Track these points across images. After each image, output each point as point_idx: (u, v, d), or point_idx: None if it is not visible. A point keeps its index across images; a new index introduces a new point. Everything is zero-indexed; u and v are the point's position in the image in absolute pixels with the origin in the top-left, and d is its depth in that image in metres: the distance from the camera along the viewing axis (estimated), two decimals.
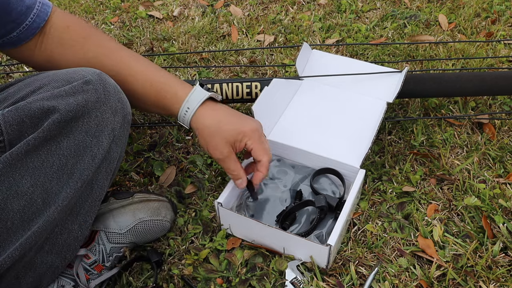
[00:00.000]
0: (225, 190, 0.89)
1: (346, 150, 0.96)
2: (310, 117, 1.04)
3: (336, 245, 0.83)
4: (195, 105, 0.82)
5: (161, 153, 1.12)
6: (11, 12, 0.76)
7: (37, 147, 0.66)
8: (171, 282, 0.86)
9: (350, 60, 1.18)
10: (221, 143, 0.82)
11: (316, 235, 0.87)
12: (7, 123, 0.66)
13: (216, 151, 0.83)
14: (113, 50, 0.84)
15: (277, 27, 1.58)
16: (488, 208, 0.95)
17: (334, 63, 1.15)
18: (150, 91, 0.83)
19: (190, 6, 1.73)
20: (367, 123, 1.00)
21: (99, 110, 0.72)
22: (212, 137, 0.82)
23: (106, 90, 0.74)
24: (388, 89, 1.07)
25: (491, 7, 1.65)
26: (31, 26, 0.79)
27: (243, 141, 0.83)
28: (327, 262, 0.83)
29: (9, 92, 0.75)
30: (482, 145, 1.11)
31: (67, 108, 0.69)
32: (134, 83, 0.83)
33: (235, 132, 0.82)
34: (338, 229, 0.82)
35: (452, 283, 0.84)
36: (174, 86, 0.83)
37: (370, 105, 1.05)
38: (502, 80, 1.13)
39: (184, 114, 0.83)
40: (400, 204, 0.98)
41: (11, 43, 0.80)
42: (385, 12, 1.65)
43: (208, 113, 0.83)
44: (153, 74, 0.84)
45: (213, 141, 0.82)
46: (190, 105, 0.82)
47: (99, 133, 0.72)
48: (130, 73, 0.83)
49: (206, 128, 0.82)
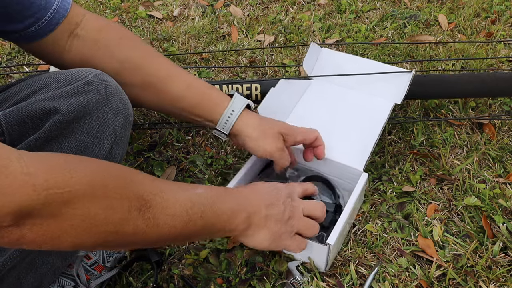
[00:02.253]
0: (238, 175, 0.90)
1: (350, 152, 0.95)
2: (316, 118, 1.04)
3: (335, 246, 0.83)
4: (240, 107, 0.83)
5: (161, 153, 1.12)
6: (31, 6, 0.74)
7: (39, 147, 0.66)
8: (171, 282, 0.86)
9: (360, 59, 1.17)
10: (275, 136, 0.85)
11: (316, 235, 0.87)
12: (8, 123, 0.66)
13: (272, 144, 0.85)
14: (149, 53, 0.83)
15: (277, 27, 1.58)
16: (488, 208, 0.96)
17: (344, 62, 1.14)
18: (190, 93, 0.82)
19: (190, 6, 1.74)
20: (373, 125, 1.00)
21: (100, 110, 0.72)
22: (264, 133, 0.84)
23: (108, 91, 0.74)
24: (396, 89, 1.06)
25: (491, 7, 1.65)
26: (50, 22, 0.77)
27: (293, 136, 0.87)
28: (325, 263, 0.83)
29: (11, 93, 0.75)
30: (482, 145, 1.11)
31: (69, 109, 0.69)
32: (173, 85, 0.82)
33: (286, 125, 0.87)
34: (338, 229, 0.81)
35: (452, 283, 0.84)
36: (216, 92, 0.84)
37: (378, 106, 1.04)
38: (502, 82, 1.13)
39: (228, 117, 0.83)
40: (400, 204, 0.99)
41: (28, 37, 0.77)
42: (385, 12, 1.65)
43: (252, 115, 0.85)
44: (192, 77, 0.84)
45: (267, 136, 0.84)
46: (235, 107, 0.83)
47: (100, 134, 0.72)
48: (168, 74, 0.82)
49: (255, 127, 0.84)
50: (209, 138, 1.17)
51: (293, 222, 0.76)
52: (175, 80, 0.82)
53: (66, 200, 0.50)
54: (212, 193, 0.68)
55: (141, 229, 0.57)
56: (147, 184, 0.60)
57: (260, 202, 0.74)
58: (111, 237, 0.56)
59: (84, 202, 0.52)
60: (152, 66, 0.81)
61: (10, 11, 0.72)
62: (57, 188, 0.50)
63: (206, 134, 1.18)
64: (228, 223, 0.69)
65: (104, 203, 0.54)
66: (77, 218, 0.52)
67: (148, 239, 0.60)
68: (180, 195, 0.63)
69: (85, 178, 0.52)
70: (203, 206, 0.65)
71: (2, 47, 1.54)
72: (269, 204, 0.74)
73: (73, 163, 0.53)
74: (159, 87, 0.80)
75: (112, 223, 0.55)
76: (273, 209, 0.74)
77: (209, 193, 0.68)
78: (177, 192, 0.63)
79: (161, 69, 0.82)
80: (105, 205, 0.54)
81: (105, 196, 0.54)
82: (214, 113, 0.84)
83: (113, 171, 0.57)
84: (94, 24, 0.81)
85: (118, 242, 0.58)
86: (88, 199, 0.52)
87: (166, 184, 0.64)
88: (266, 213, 0.73)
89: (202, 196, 0.66)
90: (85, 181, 0.52)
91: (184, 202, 0.63)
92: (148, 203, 0.58)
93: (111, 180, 0.55)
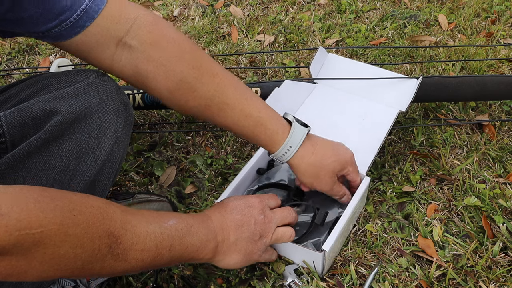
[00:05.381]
0: (226, 191, 0.89)
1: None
2: (319, 122, 1.03)
3: (332, 251, 0.83)
4: (297, 144, 0.80)
5: (161, 153, 1.12)
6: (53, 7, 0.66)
7: (39, 148, 0.66)
8: (171, 282, 0.86)
9: (366, 65, 1.17)
10: (327, 176, 0.84)
11: (314, 242, 0.87)
12: (9, 124, 0.66)
13: (325, 185, 0.85)
14: (207, 74, 0.76)
15: (277, 27, 1.58)
16: (488, 208, 0.96)
17: (350, 68, 1.14)
18: (245, 123, 0.79)
19: (190, 6, 1.74)
20: (377, 131, 1.00)
21: (101, 111, 0.72)
22: (318, 174, 0.83)
23: (108, 92, 0.74)
24: (401, 96, 1.06)
25: (491, 7, 1.65)
26: (75, 24, 0.68)
27: (344, 171, 0.86)
28: (321, 268, 0.84)
29: (11, 93, 0.75)
30: (482, 145, 1.11)
31: (69, 110, 0.69)
32: (229, 113, 0.78)
33: (339, 164, 0.84)
34: (334, 236, 0.81)
35: (452, 283, 0.84)
36: (273, 123, 0.80)
37: (382, 113, 1.05)
38: (503, 86, 1.13)
39: (283, 153, 0.81)
40: (400, 204, 0.99)
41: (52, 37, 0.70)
42: (385, 12, 1.65)
43: (309, 150, 0.82)
44: (251, 105, 0.78)
45: (320, 178, 0.84)
46: (292, 143, 0.80)
47: (101, 135, 0.72)
48: (225, 101, 0.77)
49: (310, 166, 0.82)
50: (209, 138, 1.17)
51: (264, 239, 0.78)
52: (230, 109, 0.78)
53: (38, 240, 0.51)
54: (182, 224, 0.69)
55: (109, 264, 0.58)
56: (119, 219, 0.60)
57: (230, 225, 0.75)
58: (78, 272, 0.57)
59: (56, 242, 0.52)
60: (208, 91, 0.76)
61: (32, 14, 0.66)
62: (30, 229, 0.50)
63: (206, 134, 1.18)
64: (196, 254, 0.71)
65: (75, 242, 0.54)
66: (47, 257, 0.52)
67: (114, 272, 0.61)
68: (151, 229, 0.64)
69: (57, 218, 0.53)
70: (173, 239, 0.66)
71: (2, 47, 1.54)
72: (240, 226, 0.75)
73: (46, 202, 0.53)
74: (215, 112, 0.77)
75: (80, 260, 0.55)
76: (243, 232, 0.75)
77: (179, 225, 0.68)
78: (148, 225, 0.64)
79: (216, 95, 0.76)
80: (76, 244, 0.54)
81: (76, 235, 0.54)
82: (270, 146, 0.81)
83: (85, 208, 0.57)
84: (148, 34, 0.72)
85: (84, 275, 0.59)
86: (59, 238, 0.53)
87: (138, 217, 0.64)
88: (235, 238, 0.75)
89: (173, 228, 0.67)
90: (58, 221, 0.52)
91: (154, 236, 0.63)
92: (119, 239, 0.59)
93: (83, 218, 0.55)
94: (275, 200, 0.84)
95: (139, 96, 1.14)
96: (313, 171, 0.83)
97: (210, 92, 0.76)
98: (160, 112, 1.24)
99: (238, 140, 1.16)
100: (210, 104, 0.77)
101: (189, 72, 0.75)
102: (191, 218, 0.72)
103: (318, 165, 0.83)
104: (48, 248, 0.52)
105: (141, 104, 1.15)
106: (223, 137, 1.16)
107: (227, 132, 1.17)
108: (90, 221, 0.56)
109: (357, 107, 1.07)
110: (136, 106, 1.15)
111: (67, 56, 1.50)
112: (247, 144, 1.14)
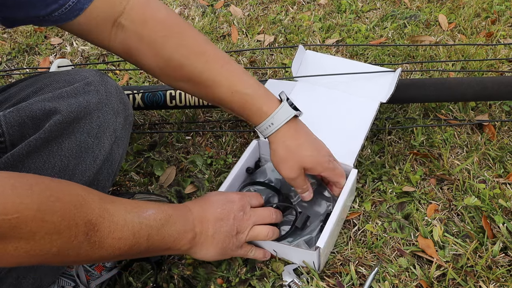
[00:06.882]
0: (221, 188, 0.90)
1: (339, 149, 0.95)
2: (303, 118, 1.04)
3: (327, 247, 0.83)
4: (279, 123, 0.81)
5: (161, 153, 1.12)
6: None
7: (39, 148, 0.66)
8: (171, 282, 0.86)
9: (344, 60, 1.18)
10: (295, 166, 0.83)
11: (306, 239, 0.87)
12: (8, 124, 0.66)
13: (288, 172, 0.83)
14: (195, 52, 0.78)
15: (277, 27, 1.58)
16: (488, 208, 0.96)
17: (328, 64, 1.15)
18: (233, 99, 0.80)
19: (190, 6, 1.74)
20: (360, 123, 1.01)
21: (100, 111, 0.72)
22: (287, 158, 0.82)
23: (108, 91, 0.74)
24: (381, 89, 1.07)
25: (491, 7, 1.65)
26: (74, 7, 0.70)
27: (316, 170, 0.85)
28: (318, 265, 0.84)
29: (10, 93, 0.75)
30: (482, 145, 1.11)
31: (69, 109, 0.69)
32: (217, 89, 0.79)
33: (312, 160, 0.83)
34: (327, 232, 0.81)
35: (452, 283, 0.84)
36: (260, 100, 0.81)
37: (363, 105, 1.05)
38: (503, 86, 1.13)
39: (265, 128, 0.82)
40: (400, 204, 0.99)
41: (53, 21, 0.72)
42: (385, 12, 1.65)
43: (290, 133, 0.82)
44: (239, 82, 0.80)
45: (288, 163, 0.83)
46: (275, 121, 0.81)
47: (100, 134, 0.72)
48: (213, 80, 0.79)
49: (285, 148, 0.82)
50: (209, 138, 1.17)
51: (240, 236, 0.79)
52: (218, 86, 0.79)
53: (14, 225, 0.51)
54: (161, 215, 0.69)
55: (85, 251, 0.59)
56: (97, 207, 0.60)
57: (209, 218, 0.76)
58: (53, 258, 0.57)
59: (32, 227, 0.52)
60: (196, 68, 0.78)
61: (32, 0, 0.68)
62: (5, 214, 0.50)
63: (206, 134, 1.18)
64: (173, 245, 0.71)
65: (51, 228, 0.54)
66: (22, 242, 0.53)
67: (90, 259, 0.61)
68: (129, 218, 0.64)
69: (34, 204, 0.53)
70: (150, 229, 0.67)
71: (2, 47, 1.54)
72: (219, 220, 0.76)
73: (23, 188, 0.53)
74: (203, 88, 0.79)
75: (56, 246, 0.55)
76: (221, 225, 0.76)
77: (158, 215, 0.69)
78: (126, 214, 0.64)
79: (205, 71, 0.78)
80: (52, 230, 0.54)
81: (52, 222, 0.54)
82: (254, 121, 0.82)
83: (63, 195, 0.57)
84: (139, 14, 0.75)
85: (59, 262, 0.59)
86: (35, 224, 0.53)
87: (116, 206, 0.64)
88: (213, 231, 0.76)
89: (151, 218, 0.67)
90: (35, 207, 0.53)
91: (132, 225, 0.64)
92: (96, 227, 0.59)
93: (60, 205, 0.55)
94: (257, 199, 0.85)
95: (139, 96, 1.14)
96: (284, 154, 0.82)
97: (198, 69, 0.78)
98: (160, 112, 1.24)
99: (238, 140, 1.16)
100: (198, 81, 0.78)
101: (177, 50, 0.77)
102: (171, 208, 0.73)
103: (292, 151, 0.82)
104: (24, 234, 0.52)
105: (141, 104, 1.15)
106: (223, 137, 1.16)
107: (227, 132, 1.17)
108: (67, 208, 0.56)
109: (339, 102, 1.08)
110: (136, 106, 1.15)
111: (67, 56, 1.50)
112: (247, 144, 1.14)
